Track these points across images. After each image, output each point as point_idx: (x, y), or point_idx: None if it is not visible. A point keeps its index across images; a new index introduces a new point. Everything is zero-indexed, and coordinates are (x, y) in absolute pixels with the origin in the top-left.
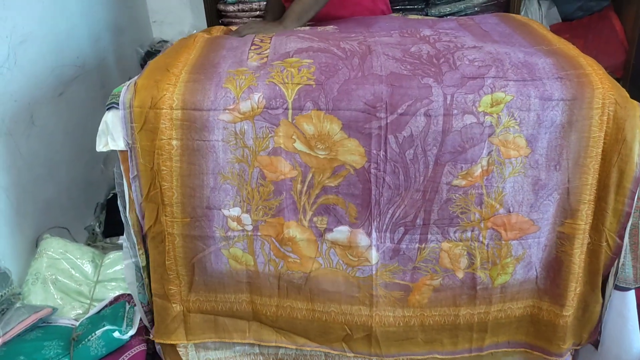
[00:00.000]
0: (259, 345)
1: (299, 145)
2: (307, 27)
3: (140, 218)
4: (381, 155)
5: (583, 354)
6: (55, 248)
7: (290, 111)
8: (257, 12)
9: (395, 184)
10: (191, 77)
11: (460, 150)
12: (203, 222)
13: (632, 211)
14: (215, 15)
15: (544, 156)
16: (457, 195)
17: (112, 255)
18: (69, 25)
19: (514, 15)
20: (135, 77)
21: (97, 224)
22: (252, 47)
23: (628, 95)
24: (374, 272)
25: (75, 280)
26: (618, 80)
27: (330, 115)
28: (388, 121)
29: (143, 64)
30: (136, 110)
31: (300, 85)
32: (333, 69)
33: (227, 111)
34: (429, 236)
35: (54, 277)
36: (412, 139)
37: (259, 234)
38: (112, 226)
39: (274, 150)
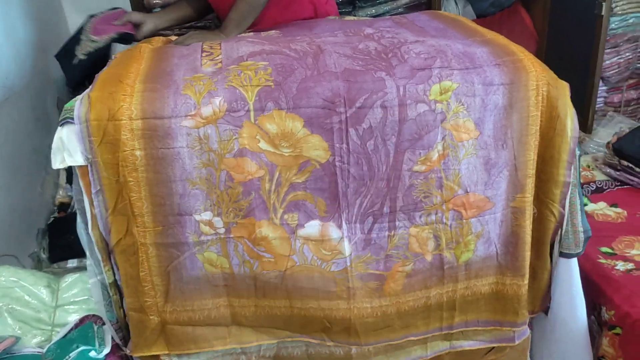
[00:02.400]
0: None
1: (263, 145)
2: (251, 33)
3: (105, 233)
4: (344, 148)
5: (534, 319)
6: (5, 276)
7: (252, 112)
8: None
9: (359, 175)
10: (147, 86)
11: (417, 137)
12: (175, 229)
13: (571, 180)
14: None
15: (491, 137)
16: (418, 180)
17: (69, 279)
18: None
19: (441, 12)
20: (87, 90)
21: (41, 249)
22: (203, 54)
23: (557, 77)
24: (348, 265)
25: (33, 307)
26: None
27: (291, 113)
28: (347, 115)
29: (70, 84)
30: (93, 123)
31: (260, 87)
32: (289, 69)
33: (189, 117)
34: (397, 223)
35: (9, 306)
36: (371, 130)
37: (232, 235)
38: (57, 251)
39: (240, 152)
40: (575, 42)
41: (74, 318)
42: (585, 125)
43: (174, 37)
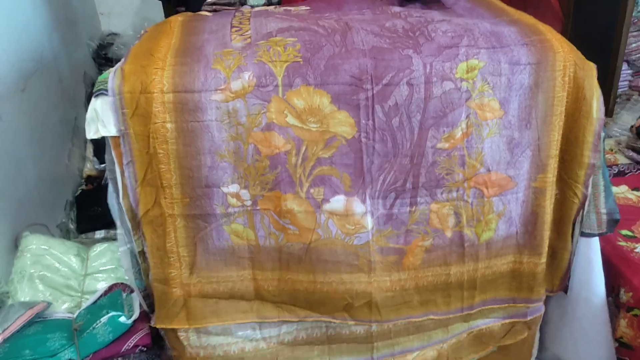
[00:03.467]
0: (260, 329)
1: (291, 120)
2: (281, 9)
3: (134, 204)
4: (370, 125)
5: (554, 298)
6: (37, 244)
7: (280, 88)
8: (212, 0)
9: (384, 152)
10: (178, 60)
11: (442, 115)
12: (203, 200)
13: (595, 162)
14: (171, 4)
15: (516, 117)
16: (441, 157)
17: (98, 248)
18: (24, 19)
19: None
20: (120, 63)
21: (69, 220)
22: (233, 29)
23: (584, 57)
24: (370, 238)
25: (63, 274)
26: None
27: (319, 89)
28: (374, 92)
29: (95, 58)
30: (127, 95)
31: (288, 63)
32: (317, 46)
33: (218, 91)
34: (419, 199)
35: (40, 273)
36: (397, 107)
37: (258, 208)
38: (85, 222)
39: (267, 126)
40: (600, 23)
41: (102, 286)
42: (607, 109)
43: (204, 13)
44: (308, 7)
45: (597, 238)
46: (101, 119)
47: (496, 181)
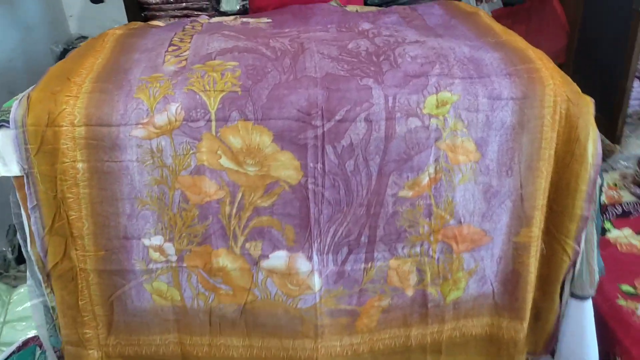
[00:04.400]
0: None
1: (225, 162)
2: (239, 22)
3: (42, 254)
4: (319, 169)
5: None
6: None
7: (213, 123)
8: (184, 4)
9: (335, 200)
10: (96, 86)
11: (406, 157)
12: (120, 254)
13: (590, 215)
14: (136, 8)
15: (494, 161)
16: (404, 207)
17: (23, 290)
18: None
19: (458, 2)
20: (29, 89)
21: (10, 248)
22: (170, 49)
23: (580, 90)
24: (317, 301)
25: None
26: (561, 66)
27: (259, 125)
28: (325, 129)
29: None
30: (30, 129)
31: (224, 93)
32: (261, 72)
33: (140, 126)
34: (376, 254)
35: None
36: (352, 148)
37: (185, 264)
38: None
39: (197, 169)
40: (609, 37)
41: (21, 337)
42: (614, 134)
43: (156, 23)
44: (270, 20)
45: (590, 300)
46: (2, 156)
47: (468, 235)
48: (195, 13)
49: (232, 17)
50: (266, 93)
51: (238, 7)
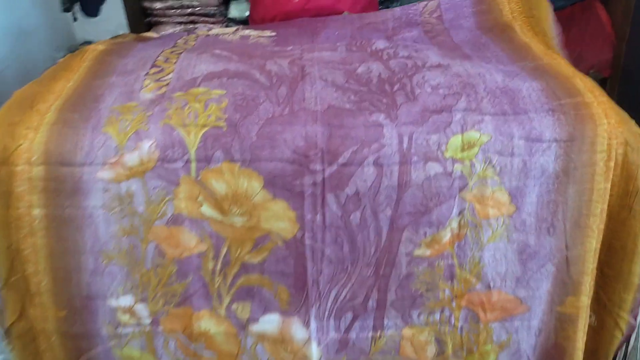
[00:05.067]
0: None
1: (207, 210)
2: (238, 36)
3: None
4: (318, 221)
5: None
6: None
7: (193, 164)
8: (189, 10)
9: (338, 258)
10: (61, 116)
11: (423, 210)
12: (84, 315)
13: None
14: (139, 14)
15: (533, 215)
16: (420, 268)
17: None
18: None
19: (495, 7)
20: None
21: None
22: (152, 71)
23: None
24: None
25: None
26: (605, 80)
27: (247, 168)
28: (325, 175)
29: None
30: None
31: (207, 128)
32: (252, 104)
33: (107, 166)
34: (386, 321)
35: None
36: (358, 197)
37: (161, 328)
38: None
39: (174, 218)
40: None
41: None
42: None
43: (149, 35)
44: (274, 34)
45: None
46: None
47: (499, 302)
48: (202, 19)
49: (233, 29)
50: (256, 129)
51: (247, 14)
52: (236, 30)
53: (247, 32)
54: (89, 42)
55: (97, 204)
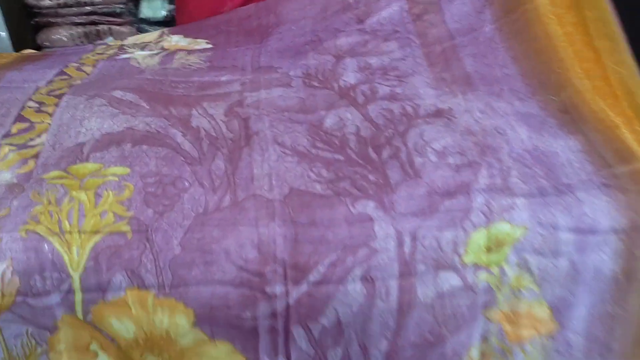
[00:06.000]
0: None
1: None
2: (157, 59)
3: None
4: None
5: None
6: None
7: (78, 296)
8: (88, 8)
9: None
10: None
11: (433, 340)
12: None
13: None
14: (22, 14)
15: (582, 334)
16: None
17: None
18: None
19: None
20: None
21: None
22: (14, 128)
23: None
24: None
25: None
26: None
27: (168, 298)
28: (290, 300)
29: None
30: None
31: (100, 236)
32: (172, 191)
33: None
34: None
35: None
36: (339, 329)
37: None
38: None
39: None
40: None
41: None
42: None
43: (27, 52)
44: (209, 45)
45: None
46: None
47: None
48: (105, 20)
49: (156, 34)
50: (180, 235)
51: (164, 14)
52: (160, 37)
53: (174, 41)
54: None
55: None
